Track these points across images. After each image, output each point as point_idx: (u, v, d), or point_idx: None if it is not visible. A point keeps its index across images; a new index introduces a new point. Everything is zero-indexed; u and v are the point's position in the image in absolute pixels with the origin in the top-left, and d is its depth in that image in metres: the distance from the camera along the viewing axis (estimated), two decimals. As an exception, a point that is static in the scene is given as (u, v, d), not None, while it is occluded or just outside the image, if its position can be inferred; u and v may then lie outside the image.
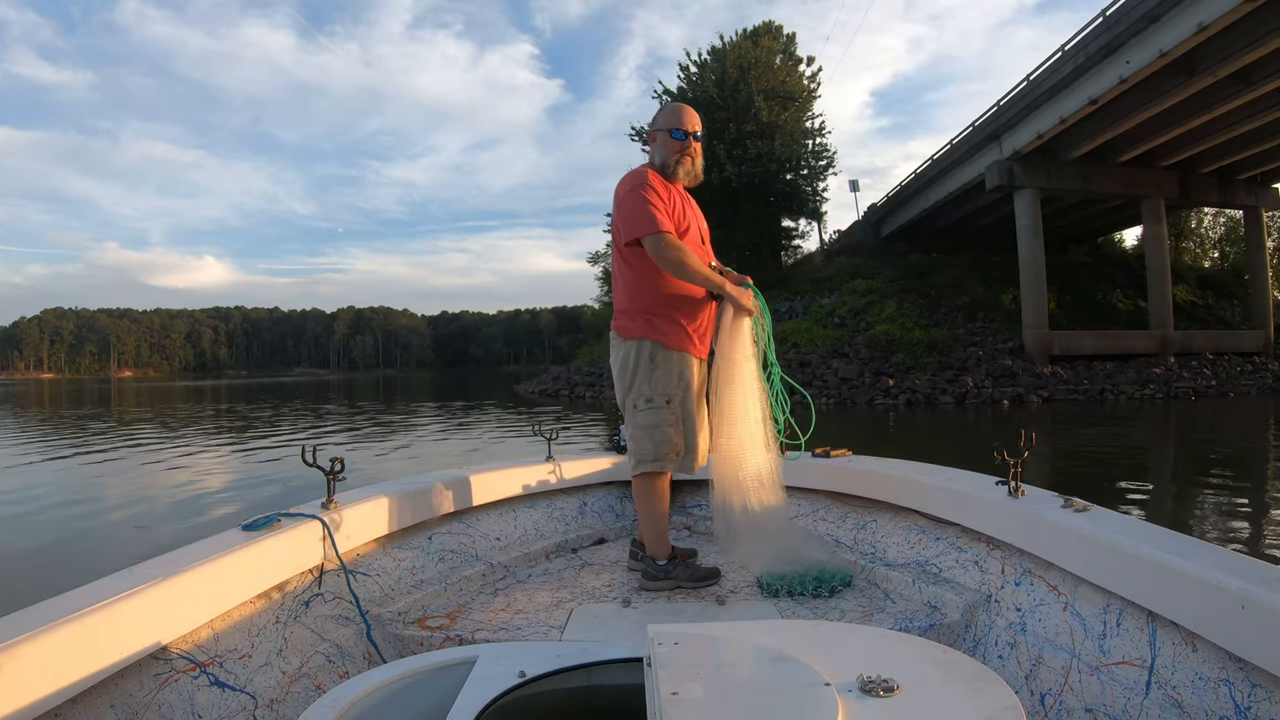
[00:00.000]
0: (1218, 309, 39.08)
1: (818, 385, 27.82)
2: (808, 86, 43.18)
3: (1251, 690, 1.76)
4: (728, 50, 40.77)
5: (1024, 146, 29.65)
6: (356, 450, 14.99)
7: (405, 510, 3.23)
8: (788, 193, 41.65)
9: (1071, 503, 2.55)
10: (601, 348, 45.25)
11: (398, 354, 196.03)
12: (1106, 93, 24.76)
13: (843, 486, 3.77)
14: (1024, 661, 2.41)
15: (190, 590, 2.07)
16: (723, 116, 38.31)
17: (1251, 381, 29.97)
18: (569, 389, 36.19)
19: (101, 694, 1.81)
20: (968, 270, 36.06)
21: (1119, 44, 23.30)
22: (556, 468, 4.16)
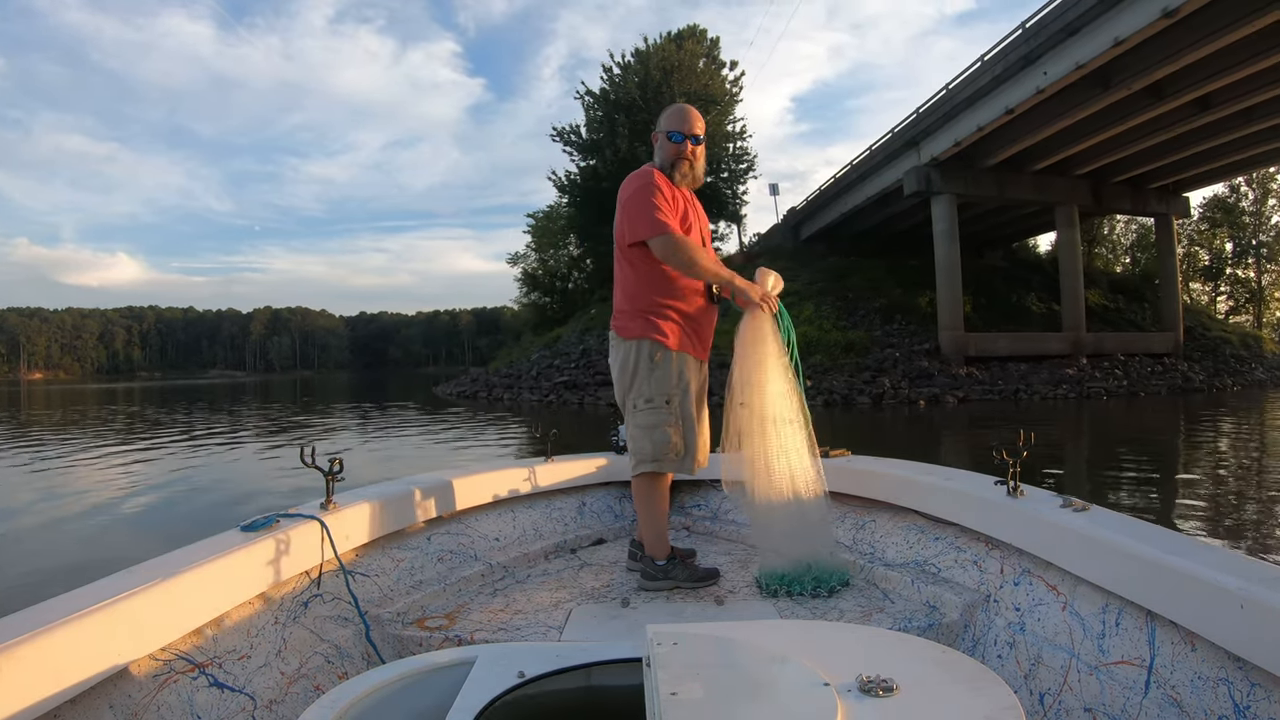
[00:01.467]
0: (1129, 312, 40.25)
1: (735, 386, 27.85)
2: (730, 90, 43.43)
3: (1251, 690, 1.77)
4: (651, 52, 40.87)
5: (942, 153, 30.15)
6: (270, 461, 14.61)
7: (404, 510, 3.23)
8: (708, 195, 41.00)
9: (1071, 502, 2.55)
10: (519, 349, 45.01)
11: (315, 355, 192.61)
12: (1023, 102, 25.25)
13: (841, 486, 3.72)
14: (1023, 661, 2.41)
15: (189, 591, 2.07)
16: (644, 118, 38.12)
17: (1162, 381, 30.92)
18: (487, 391, 35.89)
19: (100, 695, 1.81)
20: (885, 273, 36.52)
21: (1037, 55, 23.78)
22: (555, 468, 4.16)
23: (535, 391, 32.40)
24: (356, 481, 3.33)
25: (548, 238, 52.18)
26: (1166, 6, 18.77)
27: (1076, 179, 33.50)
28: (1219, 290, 58.18)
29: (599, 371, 31.31)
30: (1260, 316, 56.06)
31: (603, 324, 37.05)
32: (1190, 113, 26.12)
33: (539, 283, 52.99)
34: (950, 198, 31.29)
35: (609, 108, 39.74)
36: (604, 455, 4.45)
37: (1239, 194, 56.25)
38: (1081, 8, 21.34)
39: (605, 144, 39.10)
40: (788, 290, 18.55)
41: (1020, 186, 32.44)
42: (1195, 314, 43.51)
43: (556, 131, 41.99)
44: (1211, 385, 32.02)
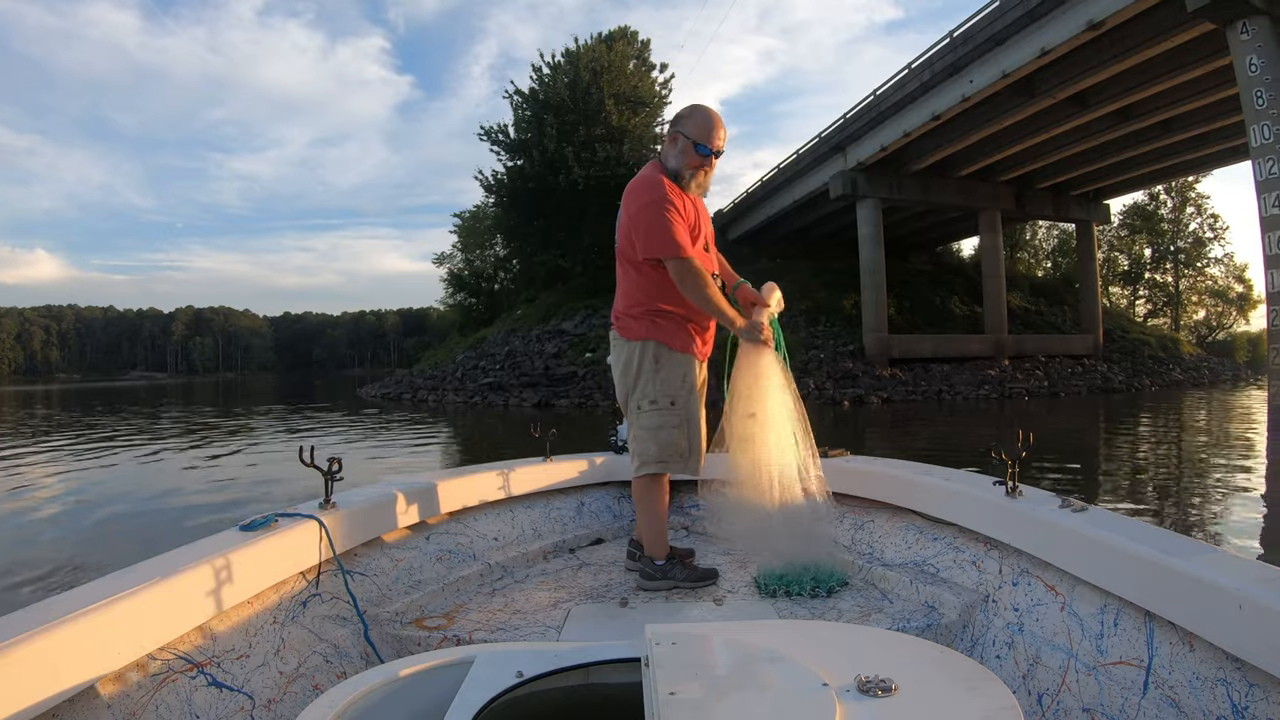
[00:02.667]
0: (1050, 315, 41.12)
1: (660, 389, 27.87)
2: (659, 93, 43.25)
3: (1249, 690, 1.76)
4: (582, 53, 40.51)
5: (868, 158, 30.45)
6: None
7: (403, 510, 3.21)
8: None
9: (1069, 503, 2.53)
10: (445, 350, 44.54)
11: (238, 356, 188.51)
12: (949, 109, 25.58)
13: (840, 486, 3.65)
14: (1021, 661, 2.40)
15: (188, 591, 2.07)
16: (573, 119, 38.19)
17: (1081, 382, 31.70)
18: (411, 393, 35.52)
19: (99, 694, 1.79)
20: (811, 276, 36.82)
21: (964, 64, 24.06)
22: (554, 468, 4.13)
23: (460, 393, 32.23)
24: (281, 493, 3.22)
25: (474, 238, 52.03)
26: (1092, 19, 19.14)
27: (1000, 185, 34.18)
28: (1138, 294, 59.89)
29: (524, 373, 31.33)
30: (1178, 320, 57.79)
31: (528, 325, 36.85)
32: (1112, 123, 26.75)
33: (465, 283, 52.86)
34: (875, 202, 31.69)
35: (538, 108, 39.35)
36: (603, 455, 4.43)
37: (1158, 202, 57.91)
38: (1009, 19, 21.65)
39: (533, 144, 38.72)
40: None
41: (945, 192, 32.99)
42: (1115, 317, 44.69)
43: (484, 131, 41.40)
44: (1130, 385, 32.91)
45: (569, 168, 37.06)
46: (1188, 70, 21.41)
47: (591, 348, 32.15)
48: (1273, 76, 15.48)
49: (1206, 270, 59.19)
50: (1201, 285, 59.33)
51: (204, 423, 25.30)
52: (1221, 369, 43.58)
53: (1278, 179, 15.50)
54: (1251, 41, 15.65)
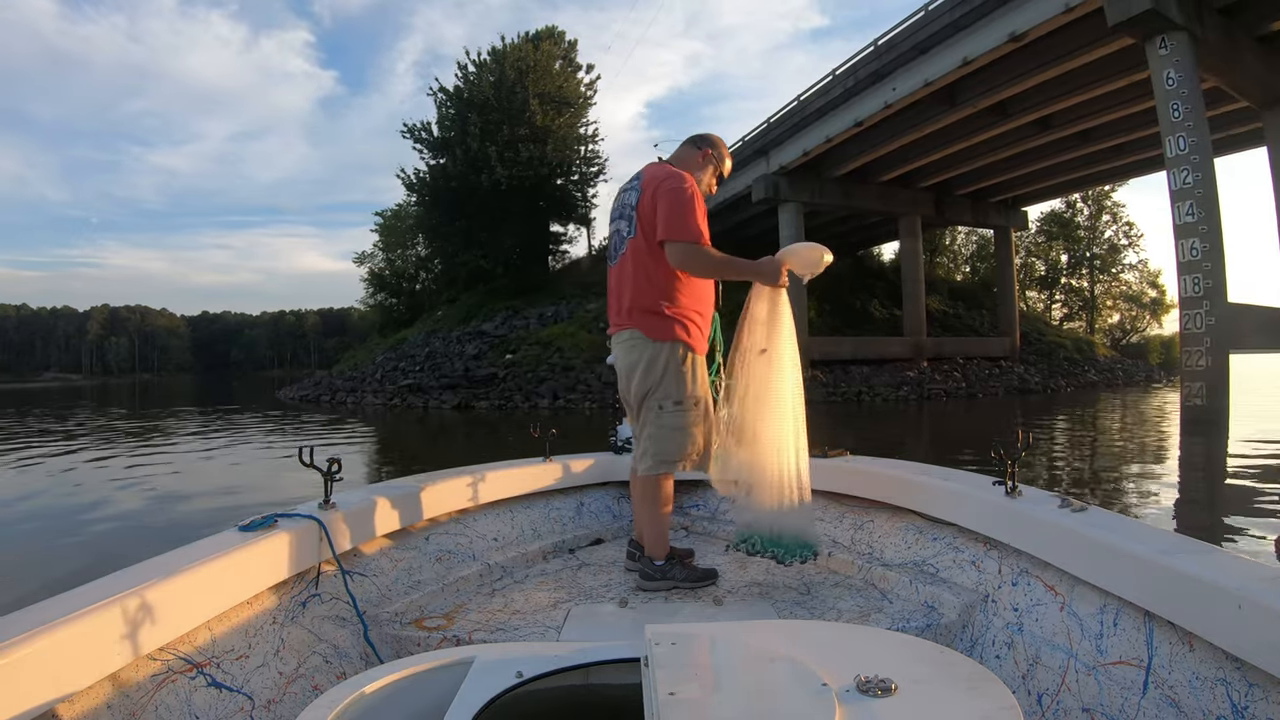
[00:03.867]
0: (968, 318, 41.86)
1: (581, 389, 28.16)
2: (584, 93, 43.13)
3: (1249, 690, 1.75)
4: (508, 52, 40.07)
5: (790, 162, 30.73)
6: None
7: (402, 510, 3.20)
8: (558, 198, 41.48)
9: (1069, 503, 2.52)
10: (363, 351, 43.76)
11: (155, 357, 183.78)
12: (872, 116, 25.81)
13: (839, 486, 3.72)
14: (1021, 661, 2.39)
15: (187, 591, 2.05)
16: (497, 118, 37.80)
17: (999, 383, 32.43)
18: (330, 394, 34.81)
19: (99, 694, 1.79)
20: (732, 278, 36.94)
21: (888, 71, 24.32)
22: (554, 468, 4.12)
23: (379, 395, 31.79)
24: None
25: (396, 237, 51.44)
26: (1014, 31, 19.45)
27: (921, 191, 34.71)
28: (1054, 298, 61.39)
29: (444, 375, 31.03)
30: (1093, 323, 59.24)
31: (448, 326, 36.42)
32: (1032, 132, 27.28)
33: (386, 283, 52.31)
34: (797, 205, 31.94)
35: (462, 106, 38.85)
36: (603, 455, 4.42)
37: (1075, 209, 59.27)
38: (934, 28, 21.93)
39: (456, 143, 38.23)
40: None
41: (866, 197, 33.42)
42: (1031, 320, 45.65)
43: (407, 128, 40.86)
44: (1047, 387, 33.72)
45: (492, 167, 36.62)
46: (1107, 83, 21.86)
47: (512, 349, 32.04)
48: (1189, 90, 15.85)
49: (1121, 276, 60.96)
50: (1116, 290, 60.99)
51: (115, 428, 24.42)
52: (1135, 370, 44.75)
53: (1191, 189, 15.84)
54: (1170, 56, 16.01)
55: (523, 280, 38.20)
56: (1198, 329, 15.84)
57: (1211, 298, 15.74)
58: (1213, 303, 15.73)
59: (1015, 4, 19.19)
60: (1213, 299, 15.74)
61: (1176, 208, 16.14)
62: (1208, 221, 15.81)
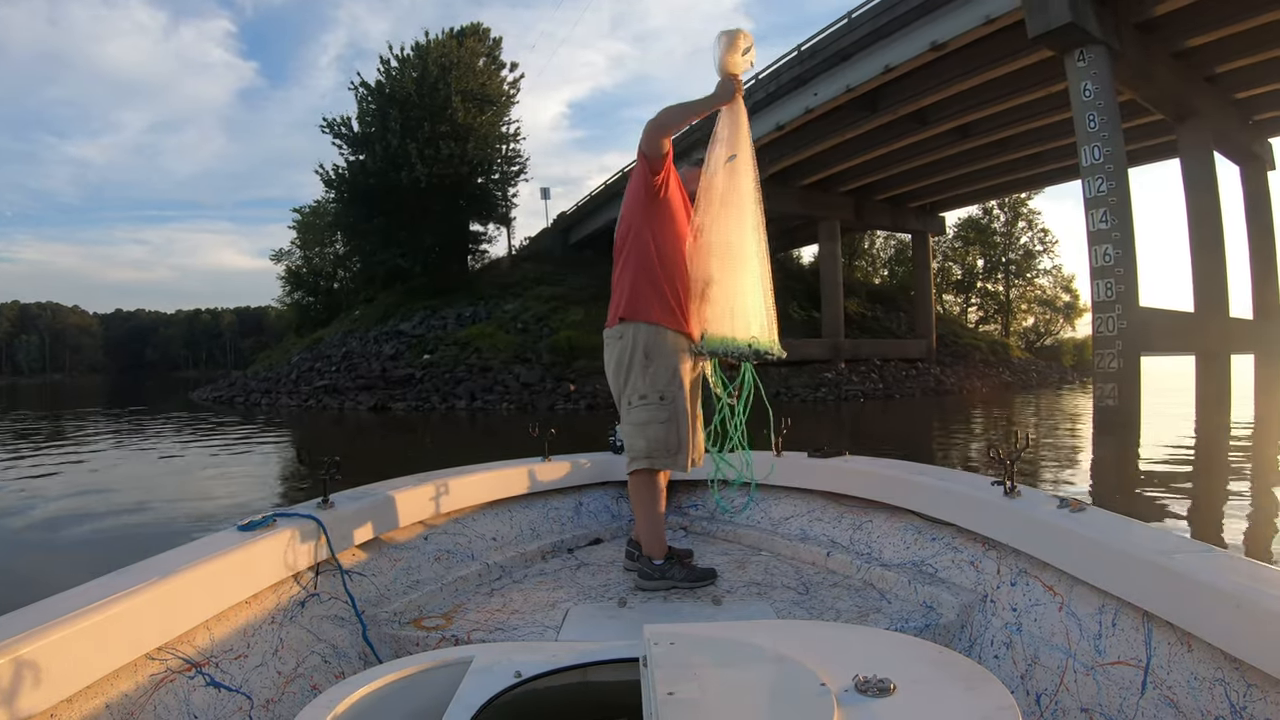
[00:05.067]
0: (886, 320, 42.48)
1: (499, 390, 27.95)
2: (507, 92, 42.78)
3: (1247, 690, 1.75)
4: (431, 47, 39.47)
5: (711, 164, 30.54)
6: None
7: (401, 510, 3.21)
8: (478, 196, 40.93)
9: (1068, 503, 2.51)
10: (279, 351, 42.93)
11: (67, 357, 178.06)
12: (793, 121, 26.10)
13: (839, 487, 3.73)
14: (1020, 661, 2.40)
15: (186, 591, 2.05)
16: (418, 115, 37.26)
17: (915, 385, 33.02)
18: (244, 396, 34.07)
19: (97, 694, 1.78)
20: (655, 280, 37.01)
21: (810, 77, 24.57)
22: (552, 468, 4.13)
23: (294, 396, 31.18)
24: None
25: (314, 235, 50.50)
26: (936, 40, 19.75)
27: (840, 195, 35.20)
28: (970, 302, 62.59)
29: (360, 375, 30.60)
30: (1008, 326, 60.57)
31: (365, 326, 35.90)
32: (951, 139, 27.78)
33: (303, 282, 51.42)
34: (717, 207, 31.73)
35: (383, 101, 38.18)
36: (601, 455, 4.42)
37: (991, 216, 60.42)
38: (856, 36, 22.19)
39: (376, 139, 37.60)
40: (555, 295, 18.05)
41: (786, 200, 33.54)
42: (948, 323, 46.52)
43: (327, 123, 39.91)
44: (962, 388, 34.40)
45: (412, 164, 36.11)
46: (1025, 93, 22.30)
47: (430, 349, 31.68)
48: (1105, 102, 16.22)
49: (1036, 281, 62.24)
50: (1031, 294, 62.30)
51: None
52: (1049, 372, 45.95)
53: (1105, 196, 16.24)
54: (1087, 68, 16.38)
55: (442, 280, 37.74)
56: (1110, 332, 16.22)
57: (1123, 302, 16.14)
58: (1124, 307, 16.14)
59: (937, 14, 19.48)
60: (1124, 303, 16.15)
61: (1091, 215, 16.54)
62: (1121, 229, 16.21)
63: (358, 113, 39.56)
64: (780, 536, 3.79)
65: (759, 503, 4.10)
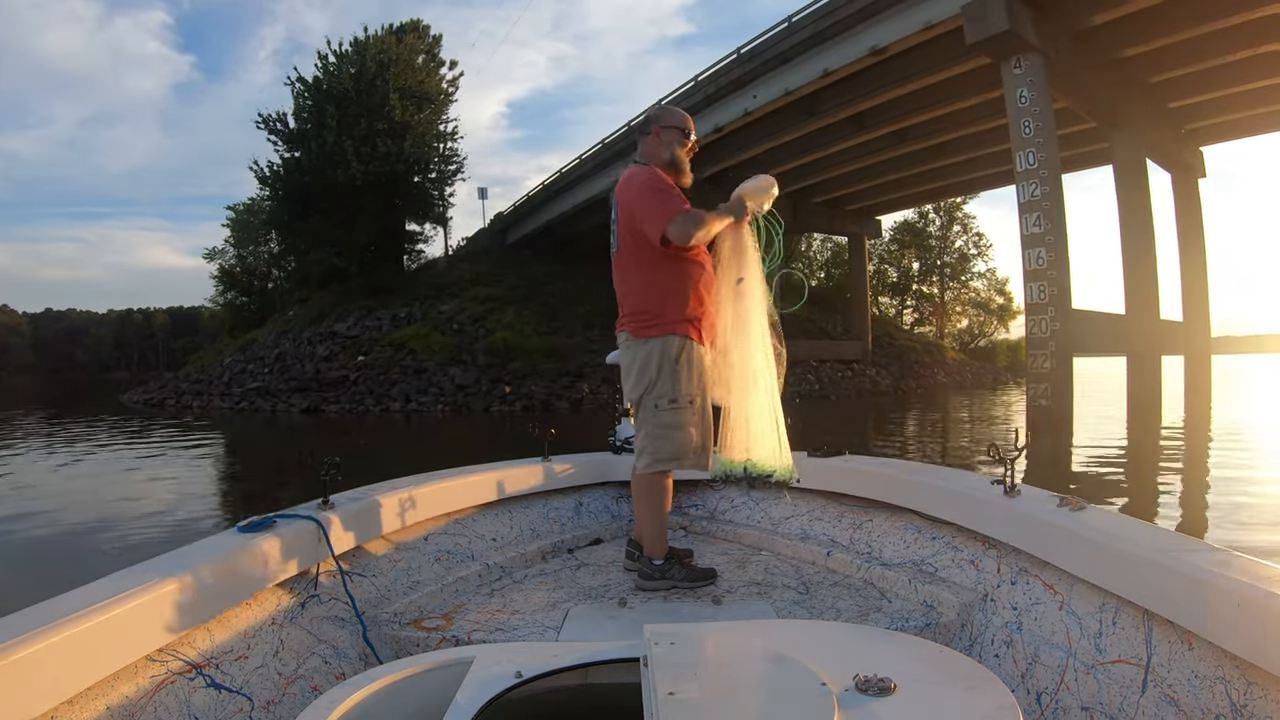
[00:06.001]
0: (822, 322, 42.67)
1: (434, 392, 27.73)
2: (446, 90, 42.46)
3: (1247, 689, 1.75)
4: (370, 43, 39.02)
5: (649, 166, 30.50)
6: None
7: (401, 511, 3.21)
8: (414, 195, 40.67)
9: (1067, 502, 2.52)
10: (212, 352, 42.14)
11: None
12: (732, 123, 26.09)
13: (839, 486, 3.75)
14: (1020, 660, 2.40)
15: (186, 592, 2.03)
16: (355, 111, 36.83)
17: (851, 386, 33.46)
18: (175, 398, 33.23)
19: (98, 695, 1.78)
20: (589, 280, 36.96)
21: (750, 79, 24.58)
22: (552, 468, 4.14)
23: (226, 398, 30.62)
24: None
25: (248, 233, 49.66)
26: (875, 45, 19.86)
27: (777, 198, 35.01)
28: (905, 304, 63.64)
29: (293, 377, 30.25)
30: (942, 328, 61.66)
31: (299, 327, 35.37)
32: (888, 144, 28.01)
33: (237, 281, 50.66)
34: (654, 209, 31.74)
35: (320, 97, 37.68)
36: (601, 455, 4.46)
37: (927, 219, 61.28)
38: (796, 39, 22.23)
39: (312, 135, 37.14)
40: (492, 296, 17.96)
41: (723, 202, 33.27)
42: (883, 324, 47.10)
43: (262, 119, 39.19)
44: (897, 388, 34.90)
45: (348, 162, 35.76)
46: (962, 99, 22.57)
47: (364, 350, 31.34)
48: (1040, 108, 16.48)
49: (970, 283, 63.48)
50: (965, 297, 63.54)
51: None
52: (983, 373, 46.68)
53: (1039, 201, 16.49)
54: (1024, 75, 16.64)
55: (377, 280, 37.26)
56: (1043, 334, 16.49)
57: (1056, 304, 16.41)
58: (1057, 309, 16.41)
59: (877, 19, 19.59)
60: (1057, 305, 16.42)
61: (1025, 219, 16.81)
62: (1054, 232, 16.48)
63: (294, 109, 39.10)
64: (780, 536, 3.81)
65: (759, 503, 4.13)
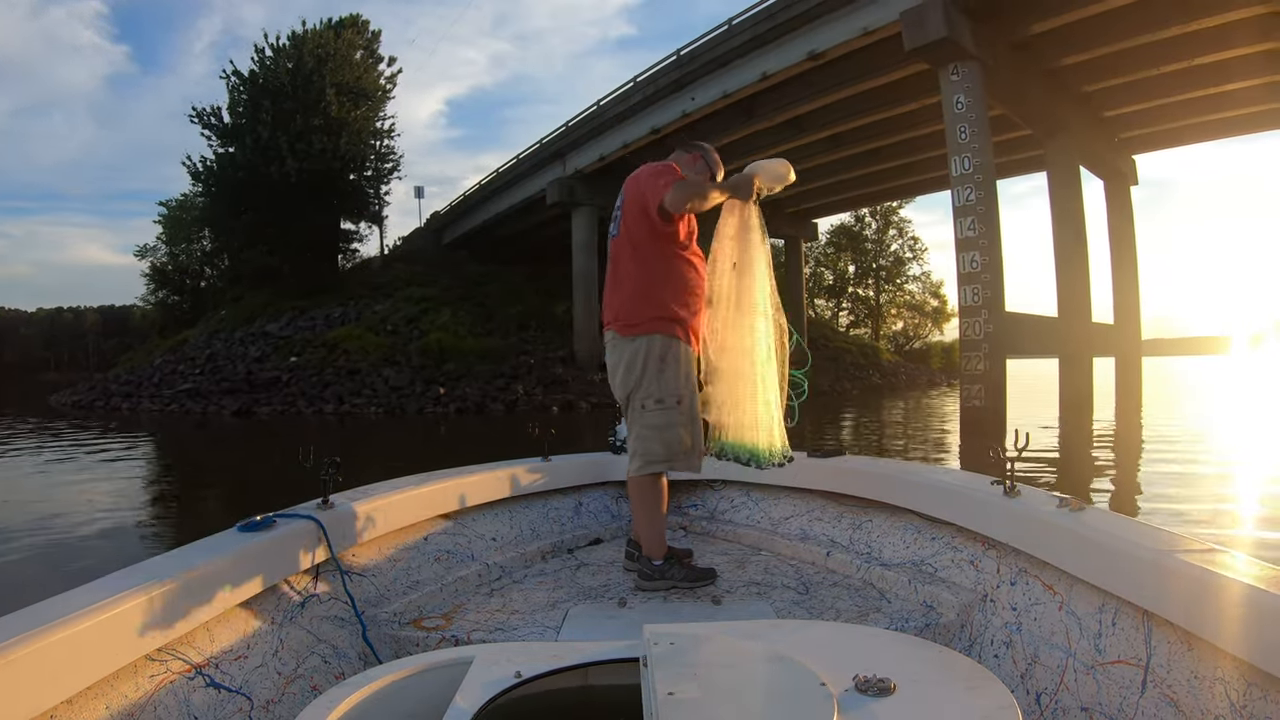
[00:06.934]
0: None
1: (367, 394, 27.45)
2: (384, 87, 41.80)
3: (1247, 689, 1.75)
4: (308, 37, 38.17)
5: (586, 166, 30.80)
6: None
7: (401, 511, 3.21)
8: (350, 193, 40.08)
9: (1067, 502, 2.51)
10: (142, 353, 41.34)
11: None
12: (669, 124, 26.04)
13: (839, 486, 3.75)
14: (1020, 661, 2.40)
15: (186, 591, 2.04)
16: (291, 107, 36.11)
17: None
18: (105, 400, 32.18)
19: (97, 695, 1.78)
20: (525, 281, 37.07)
21: (688, 81, 24.59)
22: (552, 468, 4.15)
23: (157, 400, 29.74)
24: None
25: (180, 230, 48.62)
26: (813, 50, 19.93)
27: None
28: (841, 306, 64.50)
29: (225, 378, 29.61)
30: (878, 330, 62.68)
31: (231, 327, 34.84)
32: (825, 148, 28.01)
33: (169, 279, 49.63)
34: (592, 210, 32.07)
35: (256, 92, 36.82)
36: (601, 455, 4.46)
37: (863, 223, 62.05)
38: (735, 43, 22.27)
39: (247, 130, 36.31)
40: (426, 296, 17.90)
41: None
42: (819, 326, 47.65)
43: (196, 113, 38.17)
44: (834, 389, 35.22)
45: (282, 158, 35.04)
46: (900, 105, 22.69)
47: (297, 351, 30.82)
48: (976, 115, 16.70)
49: (905, 286, 64.69)
50: (901, 299, 64.67)
51: None
52: (918, 374, 47.37)
53: (973, 205, 16.70)
54: (961, 82, 16.82)
55: (311, 279, 36.69)
56: (976, 336, 16.66)
57: (989, 307, 16.61)
58: (991, 311, 16.60)
59: (816, 24, 19.67)
60: (991, 308, 16.62)
61: (959, 223, 16.98)
62: (988, 236, 16.69)
63: (229, 103, 38.09)
64: (780, 536, 3.82)
65: (759, 503, 4.15)
